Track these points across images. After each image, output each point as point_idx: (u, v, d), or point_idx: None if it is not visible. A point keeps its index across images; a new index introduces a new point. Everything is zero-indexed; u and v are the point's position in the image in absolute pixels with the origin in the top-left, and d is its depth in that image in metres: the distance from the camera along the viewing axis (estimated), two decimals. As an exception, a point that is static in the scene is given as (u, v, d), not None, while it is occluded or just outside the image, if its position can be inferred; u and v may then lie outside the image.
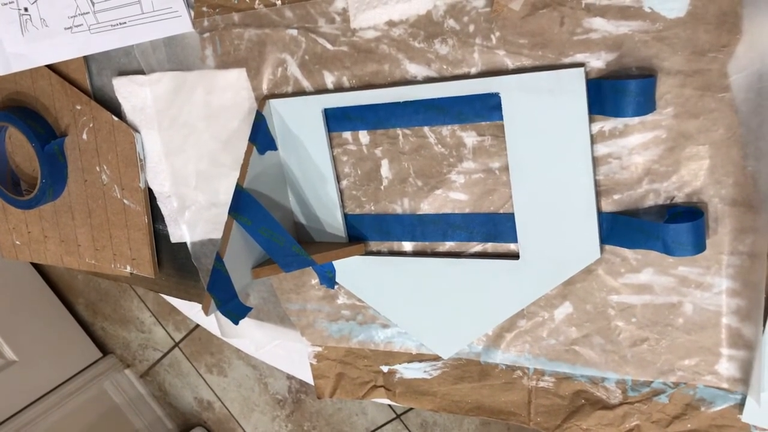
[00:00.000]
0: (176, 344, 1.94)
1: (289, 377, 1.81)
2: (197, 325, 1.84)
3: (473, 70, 0.49)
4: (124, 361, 2.05)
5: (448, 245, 0.55)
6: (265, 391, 1.87)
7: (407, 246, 0.57)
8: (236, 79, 0.59)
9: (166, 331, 1.94)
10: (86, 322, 2.06)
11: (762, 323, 0.45)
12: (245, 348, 0.72)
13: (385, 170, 0.55)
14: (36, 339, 1.87)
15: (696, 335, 0.48)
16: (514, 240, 0.52)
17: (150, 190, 0.68)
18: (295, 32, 0.55)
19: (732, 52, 0.41)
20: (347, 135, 0.56)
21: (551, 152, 0.48)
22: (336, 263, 0.59)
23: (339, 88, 0.55)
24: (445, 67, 0.50)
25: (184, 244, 0.69)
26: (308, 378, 0.67)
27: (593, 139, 0.47)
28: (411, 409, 1.66)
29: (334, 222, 0.58)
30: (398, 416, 1.70)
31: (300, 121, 0.56)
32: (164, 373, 2.01)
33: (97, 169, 0.69)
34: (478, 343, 0.56)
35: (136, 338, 2.00)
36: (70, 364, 1.92)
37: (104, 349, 2.06)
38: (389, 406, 1.70)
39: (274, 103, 0.57)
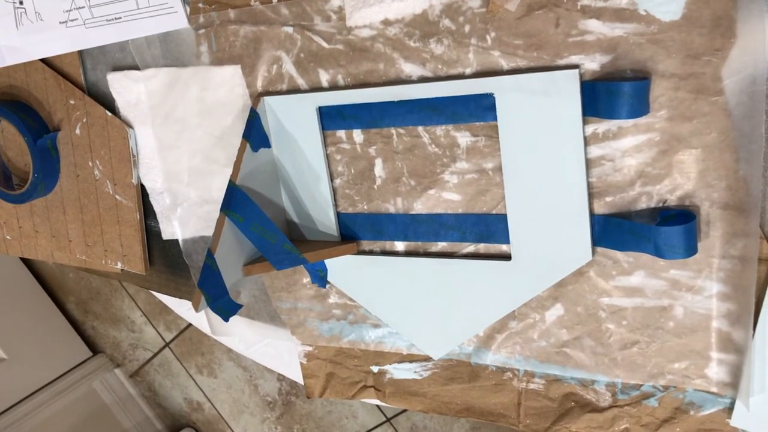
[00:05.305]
0: (167, 344, 1.93)
1: (280, 379, 1.80)
2: (188, 326, 1.83)
3: (468, 71, 0.49)
4: (114, 360, 2.05)
5: (440, 245, 0.55)
6: (255, 392, 1.86)
7: (399, 246, 0.57)
8: (231, 75, 0.59)
9: (157, 331, 1.93)
10: (77, 321, 2.05)
11: (752, 327, 0.45)
12: (235, 346, 0.72)
13: (379, 169, 0.55)
14: (25, 337, 1.86)
15: (686, 339, 0.48)
16: (507, 241, 0.52)
17: (142, 186, 0.68)
18: (290, 30, 0.55)
19: (726, 55, 0.41)
20: (341, 133, 0.56)
21: (544, 153, 0.48)
22: (328, 262, 0.59)
23: (334, 87, 0.55)
24: (440, 66, 0.50)
25: (176, 241, 0.68)
26: (298, 377, 0.67)
27: (587, 141, 0.47)
28: (401, 412, 1.66)
29: (326, 220, 0.58)
30: (388, 419, 1.69)
31: (294, 119, 0.56)
32: (154, 373, 2.01)
33: (90, 164, 0.69)
34: (469, 344, 0.56)
35: (127, 338, 2.00)
36: (60, 363, 1.92)
37: (94, 348, 2.05)
38: (379, 409, 1.69)
39: (269, 101, 0.56)
